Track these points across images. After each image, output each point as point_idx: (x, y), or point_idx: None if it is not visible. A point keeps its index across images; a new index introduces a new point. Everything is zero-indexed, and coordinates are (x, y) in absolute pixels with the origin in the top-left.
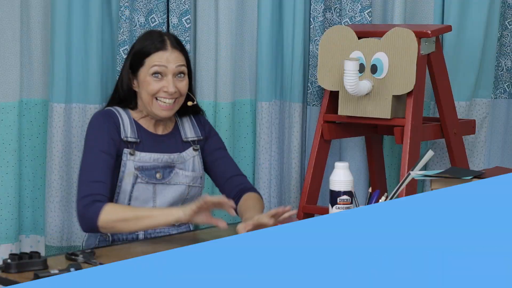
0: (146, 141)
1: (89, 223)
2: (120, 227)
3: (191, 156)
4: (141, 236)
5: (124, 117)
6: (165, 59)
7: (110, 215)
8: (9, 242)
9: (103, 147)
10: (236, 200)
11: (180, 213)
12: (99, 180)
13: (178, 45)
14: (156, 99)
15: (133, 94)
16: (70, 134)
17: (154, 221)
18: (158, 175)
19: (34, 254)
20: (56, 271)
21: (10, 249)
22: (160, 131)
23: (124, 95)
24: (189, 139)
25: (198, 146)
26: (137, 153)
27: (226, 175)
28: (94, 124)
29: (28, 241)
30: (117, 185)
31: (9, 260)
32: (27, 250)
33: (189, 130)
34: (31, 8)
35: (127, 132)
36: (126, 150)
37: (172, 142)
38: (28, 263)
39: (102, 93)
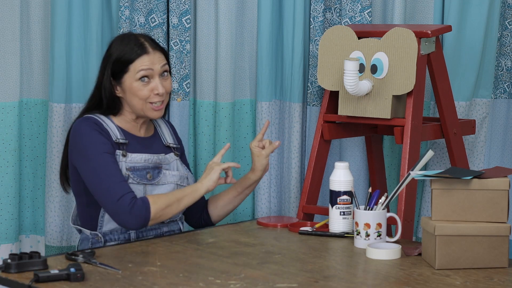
0: (133, 143)
1: (140, 219)
2: (167, 213)
3: (174, 159)
4: (133, 235)
5: (107, 122)
6: (150, 62)
7: (158, 204)
8: (9, 242)
9: (105, 149)
10: (202, 208)
11: (203, 189)
12: (123, 180)
13: (157, 46)
14: (148, 102)
15: (117, 100)
16: None
17: (190, 199)
18: (148, 176)
19: (34, 254)
20: (56, 271)
21: (10, 249)
22: (143, 133)
23: (108, 102)
24: (170, 145)
25: (178, 152)
26: (129, 154)
27: None
28: (82, 131)
29: (28, 241)
30: None
31: (9, 260)
32: (27, 250)
33: (168, 136)
34: (31, 8)
35: (116, 134)
36: (118, 152)
37: (156, 144)
38: (28, 263)
39: None
